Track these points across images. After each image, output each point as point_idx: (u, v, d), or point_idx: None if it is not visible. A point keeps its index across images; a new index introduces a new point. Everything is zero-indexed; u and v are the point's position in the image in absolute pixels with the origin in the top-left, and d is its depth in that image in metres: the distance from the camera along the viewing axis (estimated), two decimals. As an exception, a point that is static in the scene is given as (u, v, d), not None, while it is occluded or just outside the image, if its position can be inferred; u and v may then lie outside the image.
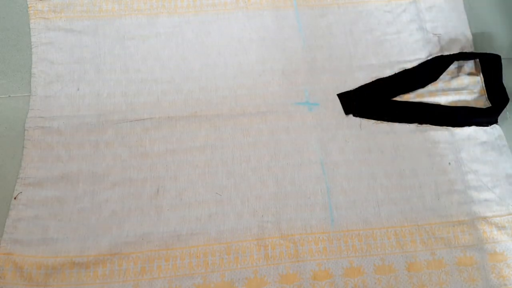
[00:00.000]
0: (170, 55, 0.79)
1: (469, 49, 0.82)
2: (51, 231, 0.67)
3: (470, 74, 0.80)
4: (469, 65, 0.81)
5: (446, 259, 0.67)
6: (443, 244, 0.68)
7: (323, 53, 0.81)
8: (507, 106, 0.77)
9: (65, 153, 0.72)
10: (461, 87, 0.79)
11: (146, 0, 0.83)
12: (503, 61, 0.80)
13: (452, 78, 0.80)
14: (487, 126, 0.76)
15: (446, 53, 0.81)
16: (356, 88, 0.79)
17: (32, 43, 0.79)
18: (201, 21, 0.82)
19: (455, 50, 0.81)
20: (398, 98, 0.78)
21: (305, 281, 0.65)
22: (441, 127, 0.76)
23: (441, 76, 0.79)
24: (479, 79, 0.80)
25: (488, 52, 0.81)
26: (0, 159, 0.71)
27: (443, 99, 0.78)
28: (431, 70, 0.80)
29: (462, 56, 0.80)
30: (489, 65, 0.79)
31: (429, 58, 0.81)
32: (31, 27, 0.80)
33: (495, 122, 0.76)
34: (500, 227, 0.69)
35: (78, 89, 0.76)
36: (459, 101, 0.78)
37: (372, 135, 0.75)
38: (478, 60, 0.80)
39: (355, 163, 0.73)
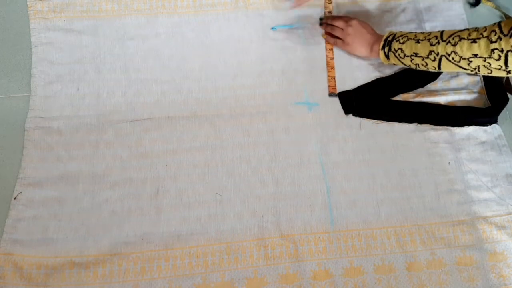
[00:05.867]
0: (170, 55, 0.79)
1: (468, 49, 0.82)
2: (51, 231, 0.66)
3: (469, 74, 0.80)
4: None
5: (446, 259, 0.67)
6: (443, 244, 0.68)
7: (323, 53, 0.81)
8: (507, 106, 0.77)
9: (65, 154, 0.72)
10: (460, 87, 0.79)
11: (146, 0, 0.83)
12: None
13: (452, 77, 0.80)
14: (487, 126, 0.76)
15: (445, 53, 0.81)
16: (356, 88, 0.79)
17: (32, 43, 0.78)
18: (201, 21, 0.82)
19: (454, 50, 0.81)
20: (397, 98, 0.78)
21: (305, 281, 0.65)
22: (441, 127, 0.76)
23: (441, 76, 0.79)
24: (478, 79, 0.80)
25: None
26: (0, 159, 0.71)
27: (443, 99, 0.78)
28: (430, 70, 0.80)
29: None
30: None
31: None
32: (31, 27, 0.79)
33: (495, 122, 0.76)
34: (500, 227, 0.70)
35: (78, 89, 0.76)
36: (458, 100, 0.78)
37: (372, 135, 0.75)
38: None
39: (355, 163, 0.73)
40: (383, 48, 0.71)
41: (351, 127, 0.76)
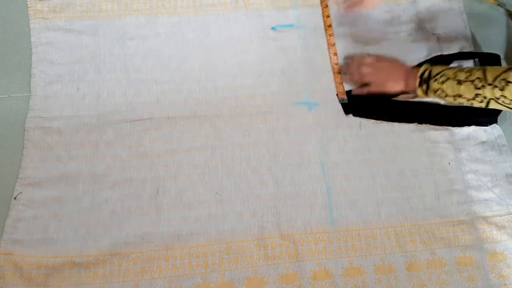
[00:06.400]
0: (170, 55, 0.79)
1: (468, 48, 0.82)
2: (51, 231, 0.66)
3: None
4: (469, 64, 0.81)
5: (446, 259, 0.67)
6: (443, 244, 0.68)
7: (323, 53, 0.81)
8: (507, 106, 0.77)
9: (65, 154, 0.71)
10: (460, 87, 0.79)
11: (146, 0, 0.83)
12: (502, 61, 0.80)
13: (452, 78, 0.80)
14: (487, 126, 0.76)
15: (445, 52, 0.81)
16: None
17: (32, 43, 0.78)
18: (201, 21, 0.82)
19: (454, 50, 0.81)
20: (398, 98, 0.78)
21: (305, 281, 0.65)
22: (441, 127, 0.76)
23: (441, 76, 0.79)
24: (478, 79, 0.80)
25: (487, 51, 0.81)
26: (0, 159, 0.71)
27: (443, 99, 0.78)
28: (431, 70, 0.80)
29: (462, 56, 0.80)
30: (488, 64, 0.78)
31: (428, 57, 0.81)
32: (31, 27, 0.79)
33: (495, 122, 0.76)
34: (500, 227, 0.70)
35: (78, 89, 0.76)
36: (458, 101, 0.78)
37: (371, 135, 0.75)
38: (477, 59, 0.80)
39: (355, 163, 0.73)
40: (420, 85, 0.69)
41: (351, 127, 0.76)
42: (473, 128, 0.76)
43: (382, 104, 0.77)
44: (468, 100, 0.62)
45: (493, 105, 0.61)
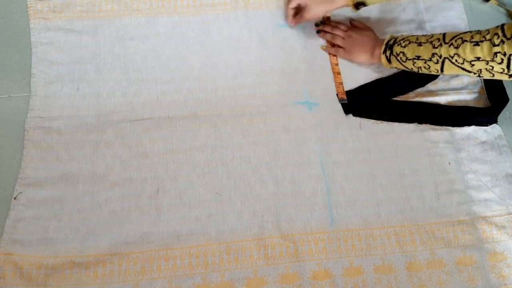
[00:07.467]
0: (170, 55, 0.79)
1: (468, 49, 0.82)
2: (51, 231, 0.66)
3: (473, 77, 0.80)
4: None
5: (446, 259, 0.67)
6: (443, 244, 0.68)
7: (323, 52, 0.81)
8: (507, 106, 0.77)
9: (65, 153, 0.71)
10: (460, 87, 0.79)
11: (146, 0, 0.83)
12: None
13: (452, 77, 0.80)
14: (487, 126, 0.76)
15: (445, 53, 0.81)
16: (356, 88, 0.79)
17: (32, 43, 0.78)
18: (201, 21, 0.82)
19: (454, 50, 0.81)
20: (398, 98, 0.78)
21: (305, 281, 0.65)
22: (441, 127, 0.76)
23: (441, 76, 0.79)
24: (479, 79, 0.80)
25: (487, 52, 0.81)
26: (0, 159, 0.71)
27: (443, 99, 0.78)
28: (430, 70, 0.80)
29: (462, 56, 0.80)
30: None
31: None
32: (30, 27, 0.79)
33: (495, 121, 0.76)
34: (500, 227, 0.70)
35: (78, 89, 0.76)
36: (458, 101, 0.78)
37: (372, 135, 0.75)
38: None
39: (355, 163, 0.73)
40: (384, 52, 0.71)
41: (351, 127, 0.76)
42: (473, 128, 0.76)
43: (382, 104, 0.77)
44: (425, 62, 0.64)
45: (447, 67, 0.63)
